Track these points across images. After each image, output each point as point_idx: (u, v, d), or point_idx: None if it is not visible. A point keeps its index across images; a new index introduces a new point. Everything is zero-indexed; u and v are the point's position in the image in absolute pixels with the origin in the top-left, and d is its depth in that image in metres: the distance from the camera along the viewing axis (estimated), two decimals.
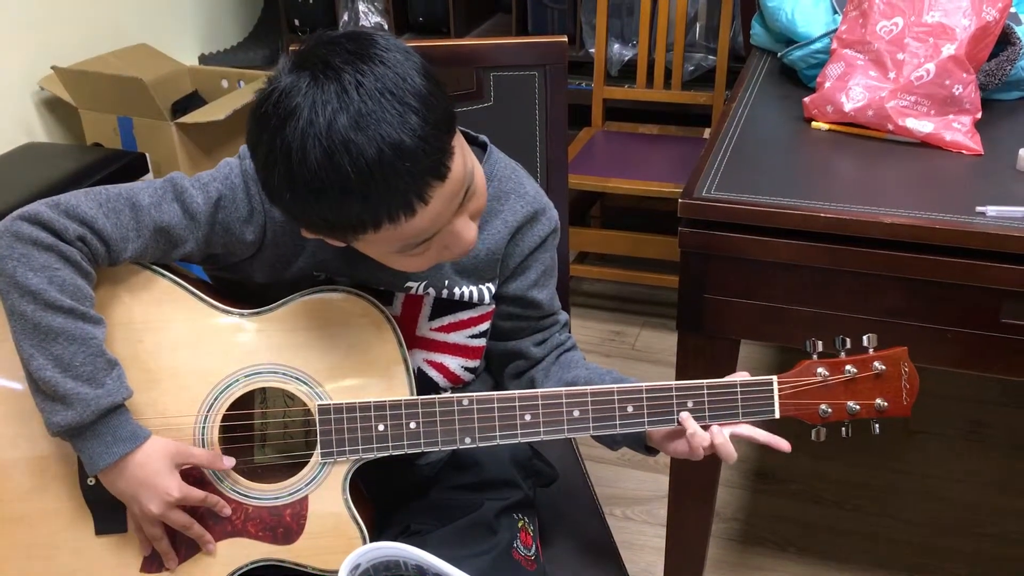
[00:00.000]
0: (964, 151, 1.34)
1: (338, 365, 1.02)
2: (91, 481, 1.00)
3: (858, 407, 1.02)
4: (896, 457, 2.10)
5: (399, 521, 1.10)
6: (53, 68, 2.37)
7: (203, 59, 2.96)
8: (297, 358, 1.02)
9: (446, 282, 1.08)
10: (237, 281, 1.08)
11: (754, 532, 1.92)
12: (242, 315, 1.02)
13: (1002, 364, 1.21)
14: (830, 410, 1.02)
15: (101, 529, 1.01)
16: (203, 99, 2.55)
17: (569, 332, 1.20)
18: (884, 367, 1.01)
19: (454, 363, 1.12)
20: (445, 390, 1.13)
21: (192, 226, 0.99)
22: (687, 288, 1.28)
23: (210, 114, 2.33)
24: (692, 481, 1.48)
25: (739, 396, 1.00)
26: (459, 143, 0.89)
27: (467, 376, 1.14)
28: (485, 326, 1.12)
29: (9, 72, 2.33)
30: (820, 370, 1.01)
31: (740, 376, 1.02)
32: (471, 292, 1.09)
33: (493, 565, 1.04)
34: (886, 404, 1.02)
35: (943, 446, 2.12)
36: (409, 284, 1.07)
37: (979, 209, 1.17)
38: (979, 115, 1.37)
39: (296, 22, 3.05)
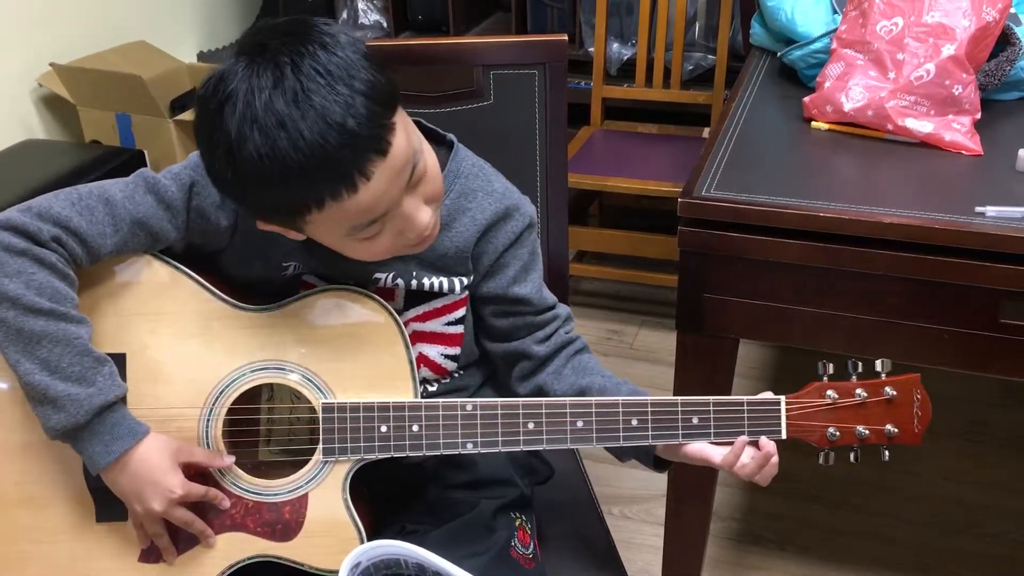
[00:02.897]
0: (963, 151, 1.34)
1: (344, 364, 1.02)
2: None
3: (868, 432, 1.00)
4: (896, 456, 2.07)
5: (395, 521, 1.10)
6: (51, 65, 2.37)
7: (202, 56, 2.95)
8: (304, 355, 1.02)
9: (414, 273, 1.07)
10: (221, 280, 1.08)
11: (752, 531, 1.92)
12: (252, 310, 1.02)
13: (1001, 364, 1.21)
14: (839, 434, 1.00)
15: (102, 516, 1.01)
16: None
17: (573, 326, 1.20)
18: (895, 392, 0.99)
19: (433, 351, 1.11)
20: (429, 381, 1.13)
21: (168, 215, 1.00)
22: (686, 287, 1.28)
23: None
24: (690, 480, 1.48)
25: (745, 414, 1.00)
26: (402, 120, 0.90)
27: (449, 365, 1.13)
28: (460, 312, 1.11)
29: (7, 69, 2.32)
30: (830, 392, 0.99)
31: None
32: (441, 283, 1.08)
33: (491, 564, 1.04)
34: (896, 430, 1.00)
35: (943, 446, 2.12)
36: (377, 276, 1.06)
37: (978, 209, 1.17)
38: (978, 115, 1.37)
39: None
